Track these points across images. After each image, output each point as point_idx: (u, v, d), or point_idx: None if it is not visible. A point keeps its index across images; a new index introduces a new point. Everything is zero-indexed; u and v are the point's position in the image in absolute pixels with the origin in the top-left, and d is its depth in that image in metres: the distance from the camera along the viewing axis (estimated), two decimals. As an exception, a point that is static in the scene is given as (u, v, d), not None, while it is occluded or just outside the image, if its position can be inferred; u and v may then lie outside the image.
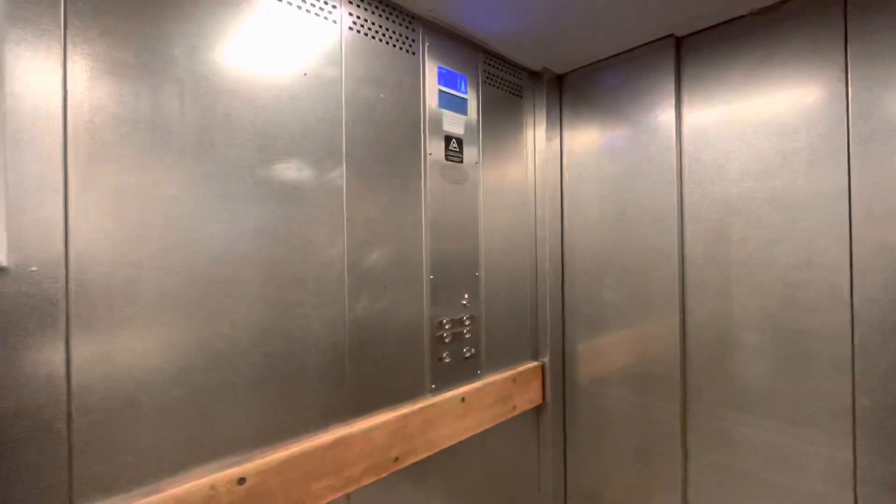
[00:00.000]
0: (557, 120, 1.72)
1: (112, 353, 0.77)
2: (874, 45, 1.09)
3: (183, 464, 0.84)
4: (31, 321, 0.69)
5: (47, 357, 0.70)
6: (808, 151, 1.19)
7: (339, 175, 1.09)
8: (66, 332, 0.72)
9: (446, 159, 1.35)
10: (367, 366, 1.14)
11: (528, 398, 1.60)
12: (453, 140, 1.37)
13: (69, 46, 0.73)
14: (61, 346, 0.71)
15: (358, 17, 1.13)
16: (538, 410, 1.68)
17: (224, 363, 0.90)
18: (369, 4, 1.15)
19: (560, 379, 1.71)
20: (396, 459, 1.16)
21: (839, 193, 1.14)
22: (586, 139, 1.65)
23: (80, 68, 0.74)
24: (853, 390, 1.12)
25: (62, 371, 0.72)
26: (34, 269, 0.69)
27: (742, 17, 1.30)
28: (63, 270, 0.72)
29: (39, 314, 0.70)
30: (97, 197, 0.75)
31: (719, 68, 1.35)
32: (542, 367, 1.66)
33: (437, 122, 1.32)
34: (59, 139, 0.72)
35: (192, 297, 0.86)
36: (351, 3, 1.12)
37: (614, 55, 1.55)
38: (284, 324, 0.99)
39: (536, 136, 1.68)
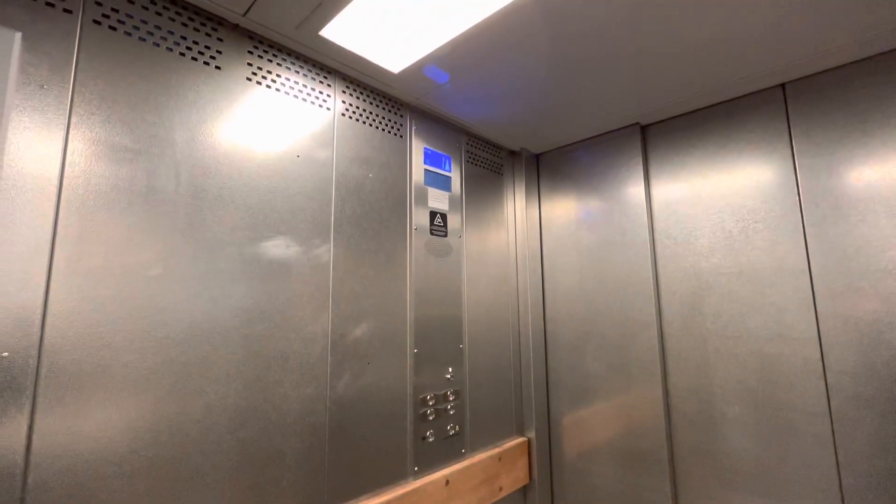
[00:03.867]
0: (536, 195, 1.81)
1: (75, 445, 0.72)
2: (816, 140, 1.22)
3: (140, 570, 0.76)
4: (-7, 412, 0.65)
5: (4, 452, 0.65)
6: (769, 230, 1.28)
7: (327, 251, 1.11)
8: (28, 424, 0.67)
9: (431, 233, 1.39)
10: (348, 448, 1.09)
11: (514, 477, 1.53)
12: (438, 215, 1.43)
13: (72, 132, 0.76)
14: (22, 440, 0.67)
15: (350, 105, 1.21)
16: (525, 490, 1.60)
17: (195, 451, 0.85)
18: (361, 93, 1.24)
19: (546, 455, 1.65)
20: (376, 554, 1.08)
21: (801, 270, 1.22)
22: (564, 213, 1.74)
23: (80, 153, 0.76)
24: (837, 466, 1.12)
25: (19, 469, 0.66)
26: (5, 354, 0.66)
27: (697, 110, 1.44)
28: (36, 356, 0.69)
29: (3, 404, 0.66)
30: (80, 278, 0.75)
31: (682, 153, 1.47)
32: (529, 443, 1.61)
33: (422, 199, 1.38)
34: (51, 221, 0.72)
35: (167, 379, 0.82)
36: (344, 92, 1.20)
37: (587, 139, 1.68)
38: (262, 405, 0.95)
39: (517, 211, 1.76)
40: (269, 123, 1.03)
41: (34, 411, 0.68)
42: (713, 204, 1.39)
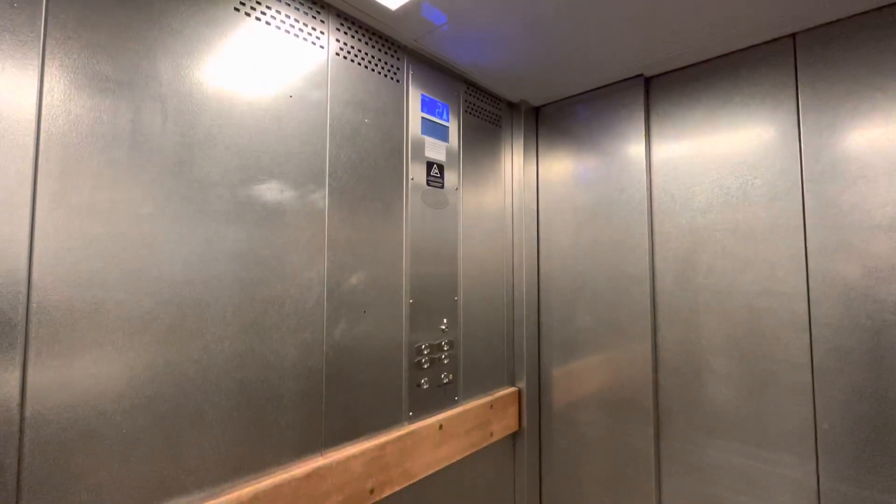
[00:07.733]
0: (534, 149, 1.78)
1: (73, 381, 0.71)
2: (822, 94, 1.20)
3: (145, 500, 0.78)
4: (-15, 346, 0.64)
5: (0, 386, 0.65)
6: (767, 187, 1.27)
7: (321, 197, 1.08)
8: (22, 359, 0.67)
9: (427, 184, 1.37)
10: (345, 392, 1.11)
11: (504, 424, 1.58)
12: (435, 166, 1.39)
13: (48, 58, 0.71)
14: (17, 374, 0.66)
15: (345, 44, 1.15)
16: (514, 436, 1.66)
17: (194, 390, 0.85)
18: (357, 31, 1.18)
19: (536, 404, 1.70)
20: (372, 491, 1.12)
21: (795, 227, 1.22)
22: (561, 168, 1.71)
23: (58, 81, 0.72)
24: (814, 414, 1.18)
25: (16, 402, 0.66)
26: (-8, 289, 0.64)
27: (704, 62, 1.40)
28: (24, 290, 0.67)
29: (-6, 338, 0.65)
30: (67, 214, 0.72)
31: (684, 107, 1.44)
32: (519, 393, 1.66)
33: (419, 148, 1.34)
34: (31, 153, 0.69)
35: (164, 319, 0.82)
36: (339, 29, 1.14)
37: (588, 91, 1.63)
38: (260, 348, 0.95)
39: (514, 165, 1.73)
40: (260, 59, 0.98)
41: (27, 347, 0.67)
42: (713, 160, 1.37)
